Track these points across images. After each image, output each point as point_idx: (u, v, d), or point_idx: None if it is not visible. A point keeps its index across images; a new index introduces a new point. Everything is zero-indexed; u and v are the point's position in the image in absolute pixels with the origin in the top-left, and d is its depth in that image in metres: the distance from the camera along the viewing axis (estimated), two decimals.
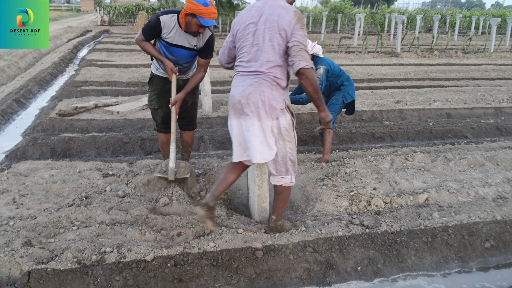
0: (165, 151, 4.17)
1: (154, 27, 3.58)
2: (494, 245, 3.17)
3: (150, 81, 3.97)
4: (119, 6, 39.21)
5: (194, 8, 3.35)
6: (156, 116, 4.05)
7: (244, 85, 2.80)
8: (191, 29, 3.49)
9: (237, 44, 2.89)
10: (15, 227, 3.07)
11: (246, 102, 2.78)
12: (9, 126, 6.36)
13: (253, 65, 2.79)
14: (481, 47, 18.17)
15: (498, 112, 7.27)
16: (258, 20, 2.75)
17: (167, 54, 3.72)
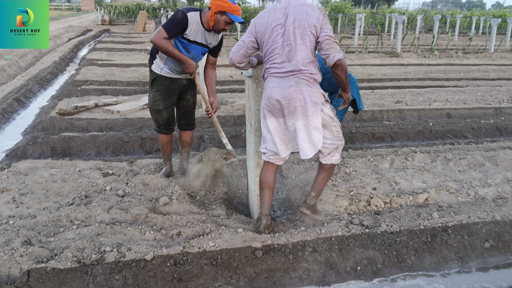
0: (165, 152, 4.15)
1: (181, 24, 3.49)
2: (493, 245, 3.17)
3: (154, 81, 3.86)
4: (119, 5, 39.19)
5: (225, 6, 3.41)
6: (159, 117, 3.96)
7: (283, 86, 2.85)
8: (219, 26, 3.53)
9: (263, 46, 2.91)
10: (15, 226, 3.08)
11: (287, 103, 2.84)
12: (9, 125, 6.37)
13: (287, 66, 2.85)
14: (481, 48, 18.16)
15: (498, 112, 7.27)
16: (285, 21, 2.81)
17: (184, 52, 3.67)
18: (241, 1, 29.99)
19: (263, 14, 2.90)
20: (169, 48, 3.52)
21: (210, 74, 3.90)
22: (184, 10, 3.57)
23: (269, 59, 2.90)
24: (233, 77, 9.84)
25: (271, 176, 3.12)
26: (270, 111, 2.92)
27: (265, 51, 2.91)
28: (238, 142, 5.52)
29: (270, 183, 3.11)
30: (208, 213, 3.54)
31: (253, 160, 3.30)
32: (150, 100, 3.95)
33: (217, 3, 3.42)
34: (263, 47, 2.93)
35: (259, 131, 3.22)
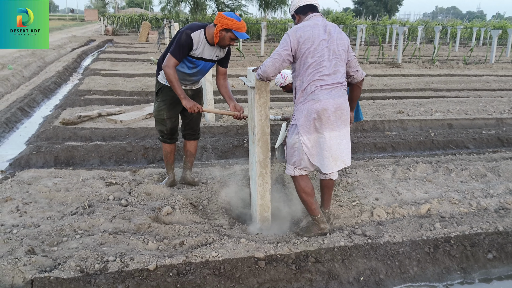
0: (168, 161, 4.17)
1: (187, 45, 3.55)
2: (496, 256, 3.17)
3: (159, 91, 3.91)
4: (122, 16, 39.53)
5: (230, 24, 3.46)
6: (164, 127, 3.99)
7: (334, 97, 3.00)
8: (224, 42, 3.59)
9: (308, 58, 2.95)
10: (18, 235, 3.09)
11: (340, 112, 3.03)
12: (13, 135, 6.40)
13: (334, 78, 3.00)
14: (482, 58, 18.23)
15: (499, 123, 7.28)
16: (329, 38, 2.99)
17: (190, 68, 3.72)
18: (243, 12, 30.21)
19: (305, 28, 2.96)
20: (175, 80, 3.55)
21: (223, 84, 3.95)
22: (187, 30, 3.57)
23: (316, 70, 2.96)
24: (235, 87, 9.90)
25: (310, 183, 3.27)
26: (326, 123, 2.98)
27: (310, 62, 2.95)
28: (241, 152, 5.54)
29: (312, 189, 3.27)
30: (211, 222, 3.55)
31: (255, 170, 3.32)
32: (155, 109, 3.98)
33: (223, 21, 3.47)
34: (307, 59, 2.95)
35: (262, 141, 3.24)
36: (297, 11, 3.11)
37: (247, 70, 3.26)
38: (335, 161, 3.08)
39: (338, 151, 3.07)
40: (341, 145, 3.07)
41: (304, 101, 3.01)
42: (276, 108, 7.43)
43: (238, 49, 15.89)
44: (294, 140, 3.10)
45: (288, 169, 3.26)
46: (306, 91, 2.99)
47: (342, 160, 3.11)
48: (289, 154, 3.19)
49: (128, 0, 74.17)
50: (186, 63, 3.70)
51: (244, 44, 22.75)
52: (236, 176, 4.49)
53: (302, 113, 3.01)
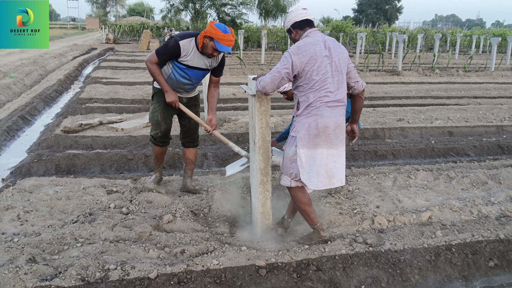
0: (158, 160, 4.27)
1: (173, 51, 3.63)
2: (498, 264, 3.16)
3: (154, 95, 4.01)
4: (124, 24, 39.79)
5: (213, 33, 3.49)
6: (158, 128, 4.01)
7: (335, 115, 3.01)
8: (207, 50, 3.62)
9: (312, 76, 2.94)
10: (19, 244, 3.09)
11: (339, 131, 3.05)
12: (14, 143, 6.42)
13: (337, 94, 3.01)
14: (482, 66, 18.29)
15: (500, 130, 7.29)
16: (330, 54, 2.99)
17: (181, 76, 3.79)
18: (243, 20, 30.35)
19: (306, 47, 2.94)
20: (156, 74, 3.70)
21: (212, 92, 4.00)
22: (178, 37, 3.65)
23: (321, 87, 2.95)
24: (236, 95, 9.92)
25: (307, 193, 3.25)
26: (325, 140, 2.98)
27: (315, 80, 2.94)
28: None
29: (309, 199, 3.25)
30: (212, 231, 3.55)
31: (256, 177, 3.32)
32: (150, 112, 4.07)
33: (208, 28, 3.53)
34: (312, 77, 2.94)
35: (263, 149, 3.25)
36: (294, 26, 3.09)
37: (248, 78, 3.28)
38: (330, 179, 3.04)
39: (335, 169, 3.05)
40: (337, 164, 3.06)
41: (307, 114, 2.99)
42: (277, 115, 7.45)
43: (238, 57, 15.96)
44: (292, 152, 3.07)
45: (284, 180, 3.21)
46: (311, 106, 2.98)
47: (338, 178, 3.08)
48: (287, 165, 3.14)
49: (129, 9, 74.64)
50: (177, 71, 3.77)
51: (245, 52, 22.86)
52: (237, 184, 4.50)
53: (303, 126, 2.99)
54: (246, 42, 29.23)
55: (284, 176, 3.20)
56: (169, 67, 3.80)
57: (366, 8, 66.67)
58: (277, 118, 7.23)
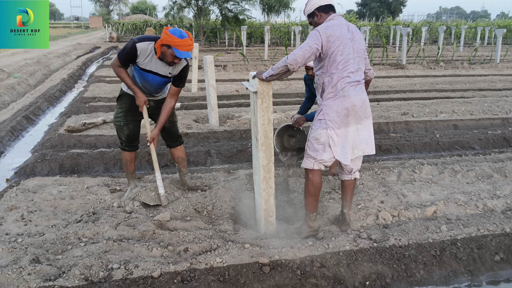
0: (128, 170, 4.10)
1: (130, 53, 3.55)
2: (504, 258, 3.13)
3: (119, 98, 3.92)
4: (127, 22, 39.84)
5: (169, 40, 3.39)
6: (122, 134, 3.95)
7: (359, 92, 3.18)
8: (166, 59, 3.53)
9: (337, 55, 3.07)
10: (23, 244, 3.10)
11: (365, 107, 3.22)
12: (18, 143, 6.44)
13: (357, 75, 3.17)
14: (487, 58, 18.13)
15: (505, 123, 7.22)
16: (353, 37, 3.14)
17: (141, 79, 3.72)
18: (246, 16, 30.27)
19: (333, 27, 3.06)
20: (123, 76, 3.66)
21: (165, 104, 3.78)
22: (136, 40, 3.58)
23: (344, 68, 3.09)
24: (239, 91, 9.90)
25: (321, 179, 3.35)
26: (354, 118, 3.14)
27: (339, 60, 3.07)
28: (245, 156, 5.53)
29: (321, 186, 3.36)
30: (215, 228, 3.54)
31: (259, 174, 3.31)
32: (113, 116, 3.99)
33: (163, 36, 3.42)
34: (336, 57, 3.07)
35: (265, 146, 3.23)
36: (319, 9, 3.19)
37: (249, 75, 3.26)
38: (353, 150, 3.22)
39: (358, 141, 3.22)
40: (360, 136, 3.22)
41: (334, 96, 3.12)
42: (280, 112, 7.42)
43: (241, 53, 15.92)
44: (320, 134, 3.17)
45: (307, 163, 3.28)
46: (336, 87, 3.11)
47: (360, 148, 3.25)
48: (312, 147, 3.24)
49: (132, 7, 74.71)
50: (137, 74, 3.70)
51: (248, 48, 22.81)
52: (240, 181, 4.49)
53: (332, 108, 3.12)
54: (249, 38, 29.20)
55: (308, 158, 3.28)
56: (131, 69, 3.72)
57: (370, 2, 66.26)
58: (280, 114, 7.20)
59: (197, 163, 5.42)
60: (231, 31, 27.77)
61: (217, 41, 30.73)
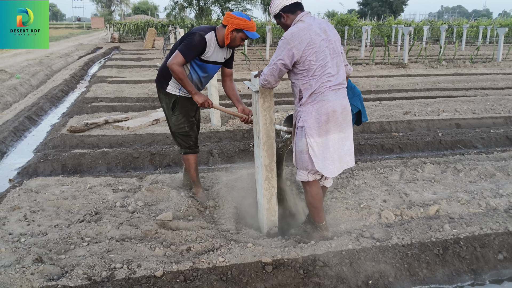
0: (197, 172, 4.03)
1: (200, 46, 3.46)
2: (507, 257, 3.12)
3: (175, 104, 3.72)
4: (128, 23, 39.87)
5: (242, 24, 3.42)
6: (188, 139, 3.85)
7: (340, 97, 2.98)
8: (235, 43, 3.56)
9: (311, 63, 2.86)
10: (26, 244, 3.11)
11: (346, 113, 3.02)
12: (21, 143, 6.46)
13: (337, 78, 2.96)
14: (489, 57, 18.08)
15: (508, 121, 7.20)
16: (327, 36, 2.93)
17: (201, 72, 3.65)
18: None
19: (301, 33, 2.83)
20: (183, 77, 3.46)
21: (230, 86, 3.93)
22: (201, 31, 3.47)
23: (323, 72, 2.89)
24: (241, 91, 9.89)
25: (320, 188, 3.21)
26: (335, 125, 2.95)
27: (316, 66, 2.87)
28: (247, 156, 5.53)
29: (322, 195, 3.23)
30: (218, 227, 3.55)
31: (261, 174, 3.31)
32: (174, 124, 3.80)
33: (234, 21, 3.42)
34: (311, 63, 2.86)
35: (267, 145, 3.23)
36: (284, 10, 2.96)
37: (251, 75, 3.25)
38: (340, 163, 3.04)
39: (343, 152, 3.04)
40: (345, 146, 3.04)
41: (312, 101, 2.92)
42: (282, 111, 7.42)
43: (243, 53, 15.91)
44: (303, 144, 2.99)
45: (301, 175, 3.12)
46: (315, 93, 2.91)
47: (345, 161, 3.07)
48: (300, 159, 3.06)
49: (133, 7, 74.80)
50: (197, 68, 3.62)
51: (250, 48, 22.81)
52: (242, 180, 4.48)
53: (311, 114, 2.92)
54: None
55: (300, 171, 3.13)
56: (187, 66, 3.61)
57: (371, 1, 66.21)
58: (282, 113, 7.20)
59: (199, 163, 5.41)
60: None
61: None
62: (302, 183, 3.21)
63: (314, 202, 3.18)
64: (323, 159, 2.97)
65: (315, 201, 3.17)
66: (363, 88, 10.26)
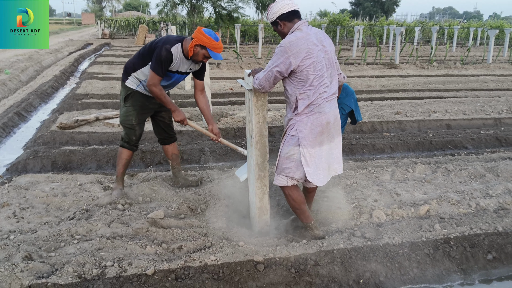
0: (124, 170, 3.99)
1: (167, 61, 3.52)
2: (496, 257, 3.16)
3: (128, 96, 3.79)
4: (120, 19, 39.56)
5: (206, 42, 3.44)
6: (133, 133, 3.87)
7: (333, 108, 3.02)
8: (197, 58, 3.57)
9: (309, 73, 2.85)
10: (15, 241, 3.07)
11: (337, 123, 3.08)
12: (10, 139, 6.38)
13: (332, 88, 3.00)
14: (480, 58, 18.27)
15: (497, 123, 7.29)
16: (323, 47, 2.93)
17: (165, 81, 3.72)
18: (240, 14, 30.21)
19: (299, 42, 2.81)
20: (163, 96, 3.60)
21: (202, 100, 3.89)
22: (167, 45, 3.50)
23: (320, 83, 2.89)
24: (233, 89, 9.88)
25: (301, 191, 3.25)
26: (328, 136, 3.00)
27: (314, 76, 2.86)
28: (239, 154, 5.51)
29: (303, 197, 3.24)
30: (209, 226, 3.54)
31: (253, 173, 3.30)
32: (122, 115, 3.85)
33: (200, 37, 3.44)
34: (309, 73, 2.85)
35: (260, 144, 3.22)
36: (281, 18, 2.94)
37: (244, 73, 3.24)
38: (328, 171, 3.11)
39: (331, 159, 3.10)
40: (333, 155, 3.10)
41: (309, 113, 2.92)
42: (274, 110, 7.42)
43: (235, 51, 15.89)
44: (292, 151, 3.00)
45: (279, 180, 3.12)
46: (313, 104, 2.91)
47: (333, 168, 3.14)
48: (283, 163, 3.06)
49: (125, 4, 74.22)
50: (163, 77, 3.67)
51: (242, 46, 22.78)
52: (234, 179, 4.47)
53: (306, 125, 2.93)
54: (243, 36, 29.14)
55: (279, 175, 3.12)
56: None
57: (363, 1, 66.47)
58: (275, 112, 7.20)
59: (191, 161, 5.40)
60: (224, 29, 27.67)
61: None
62: (281, 187, 3.20)
63: (296, 205, 3.19)
64: (316, 169, 3.01)
65: (297, 204, 3.18)
66: (354, 88, 10.30)
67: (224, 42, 27.83)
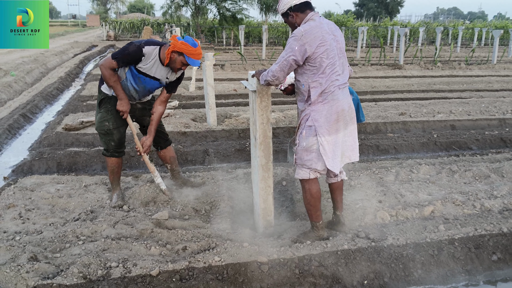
0: (115, 177, 3.92)
1: (134, 56, 3.45)
2: (501, 258, 3.15)
3: (102, 102, 3.71)
4: (124, 21, 39.74)
5: (183, 48, 3.40)
6: (110, 139, 3.75)
7: (346, 96, 3.06)
8: (175, 65, 3.52)
9: (323, 61, 2.88)
10: (21, 242, 3.09)
11: (351, 111, 3.11)
12: (16, 141, 6.42)
13: (343, 76, 3.05)
14: (484, 59, 18.19)
15: (502, 123, 7.25)
16: (335, 37, 2.98)
17: (136, 83, 3.62)
18: (244, 15, 30.27)
19: (313, 30, 2.85)
20: (112, 80, 3.50)
21: (158, 109, 3.74)
22: (142, 43, 3.48)
23: (332, 70, 2.94)
24: (237, 90, 9.90)
25: (319, 186, 3.22)
26: (343, 123, 3.04)
27: (326, 64, 2.90)
28: (243, 155, 5.54)
29: (321, 193, 3.24)
30: (214, 227, 3.54)
31: (257, 173, 3.31)
32: (97, 121, 3.73)
33: (176, 43, 3.41)
34: (322, 61, 2.88)
35: (264, 145, 3.23)
36: (293, 9, 2.96)
37: (248, 74, 3.26)
38: (341, 158, 3.14)
39: (345, 147, 3.13)
40: (346, 142, 3.13)
41: (323, 101, 2.95)
42: (278, 111, 7.43)
43: (239, 52, 15.91)
44: (311, 142, 3.01)
45: (301, 173, 3.11)
46: (326, 91, 2.94)
47: (346, 156, 3.17)
48: (304, 156, 3.07)
49: (129, 6, 74.55)
50: (131, 77, 3.59)
51: (246, 48, 22.79)
52: (238, 180, 4.49)
53: (321, 113, 2.95)
54: (247, 37, 29.18)
55: (301, 169, 3.12)
56: (124, 71, 3.59)
57: (368, 2, 66.40)
58: (279, 113, 7.21)
59: (195, 162, 5.42)
60: (229, 31, 27.75)
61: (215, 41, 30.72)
62: (301, 181, 3.20)
63: (312, 201, 3.18)
64: (333, 157, 3.05)
65: (314, 200, 3.17)
66: (359, 89, 10.29)
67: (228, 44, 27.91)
